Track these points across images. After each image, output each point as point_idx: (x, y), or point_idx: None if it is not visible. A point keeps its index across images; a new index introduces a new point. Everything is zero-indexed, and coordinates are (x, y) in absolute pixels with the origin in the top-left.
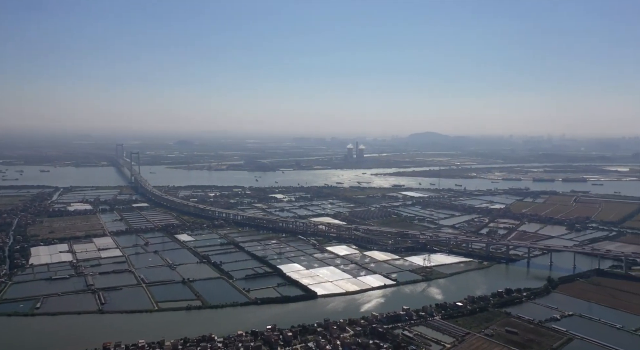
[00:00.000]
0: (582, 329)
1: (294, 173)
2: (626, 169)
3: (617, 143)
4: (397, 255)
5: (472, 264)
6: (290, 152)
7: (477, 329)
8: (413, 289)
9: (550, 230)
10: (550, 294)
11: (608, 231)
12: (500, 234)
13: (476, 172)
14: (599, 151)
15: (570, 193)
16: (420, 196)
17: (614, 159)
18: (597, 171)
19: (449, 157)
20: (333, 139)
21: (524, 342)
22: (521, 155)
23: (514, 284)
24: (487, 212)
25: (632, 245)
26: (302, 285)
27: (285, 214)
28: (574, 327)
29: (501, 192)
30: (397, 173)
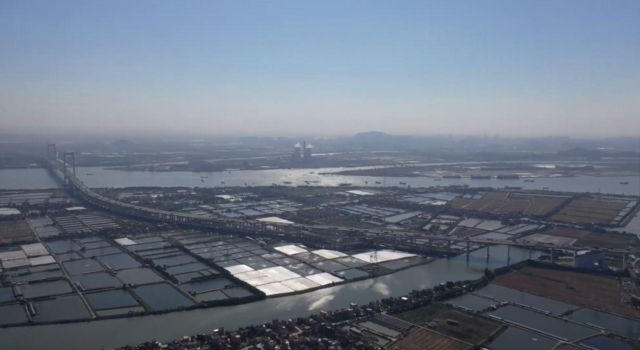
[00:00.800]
0: (516, 317)
1: (241, 173)
2: (553, 166)
3: (545, 142)
4: (345, 253)
5: (416, 259)
6: (237, 152)
7: (421, 322)
8: (360, 285)
9: (487, 225)
10: (487, 285)
11: (538, 224)
12: (441, 230)
13: (419, 171)
14: (529, 150)
15: (505, 189)
16: (367, 194)
17: (542, 157)
18: (528, 168)
19: (394, 156)
20: (280, 139)
21: (464, 332)
22: (460, 153)
23: (455, 277)
24: (430, 208)
25: (559, 237)
26: (250, 287)
27: (232, 214)
28: (508, 316)
29: (442, 190)
30: (344, 172)
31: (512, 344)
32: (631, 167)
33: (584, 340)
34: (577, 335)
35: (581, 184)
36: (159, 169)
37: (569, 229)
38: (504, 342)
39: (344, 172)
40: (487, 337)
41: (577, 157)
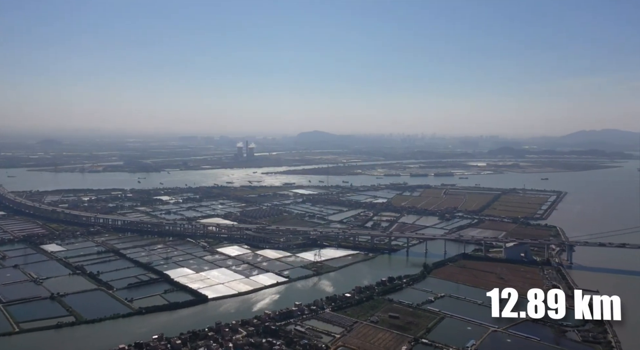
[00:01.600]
0: (452, 308)
1: (181, 173)
2: (484, 164)
3: (476, 141)
4: (289, 253)
5: (358, 256)
6: (176, 152)
7: (364, 317)
8: (305, 284)
9: (426, 221)
10: (426, 278)
11: (471, 219)
12: (383, 227)
13: (361, 169)
14: (462, 148)
15: (441, 186)
16: (310, 193)
17: (474, 155)
18: (462, 166)
19: (336, 155)
20: (222, 138)
21: (405, 324)
22: (400, 152)
23: (396, 272)
24: (372, 206)
25: (490, 231)
26: (191, 290)
27: (172, 216)
28: (445, 307)
29: (383, 187)
30: (288, 171)
31: (448, 333)
32: (552, 164)
33: (512, 326)
34: (507, 322)
35: (509, 180)
36: (90, 170)
37: (498, 222)
38: (441, 332)
39: (287, 172)
40: (426, 328)
41: (505, 155)
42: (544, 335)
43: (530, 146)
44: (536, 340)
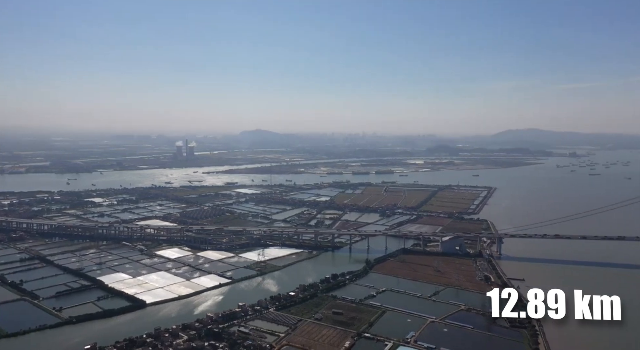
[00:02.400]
0: (393, 302)
1: (116, 174)
2: (422, 162)
3: (415, 140)
4: (232, 253)
5: (302, 254)
6: (109, 151)
7: (308, 315)
8: (249, 284)
9: (367, 218)
10: (368, 274)
11: (410, 215)
12: (326, 224)
13: (304, 168)
14: (402, 147)
15: (382, 184)
16: (254, 193)
17: (413, 153)
18: (401, 164)
19: (280, 154)
20: (160, 137)
21: (348, 320)
22: (342, 151)
23: (339, 269)
24: (315, 204)
25: (427, 226)
26: (128, 296)
27: (106, 219)
28: (386, 301)
29: (326, 186)
30: (230, 170)
31: (389, 326)
32: (483, 161)
33: (448, 316)
34: (443, 313)
35: (444, 177)
36: (11, 171)
37: (435, 218)
38: (383, 326)
39: (229, 171)
40: (368, 322)
41: (441, 153)
42: (477, 323)
43: (463, 145)
44: (470, 328)
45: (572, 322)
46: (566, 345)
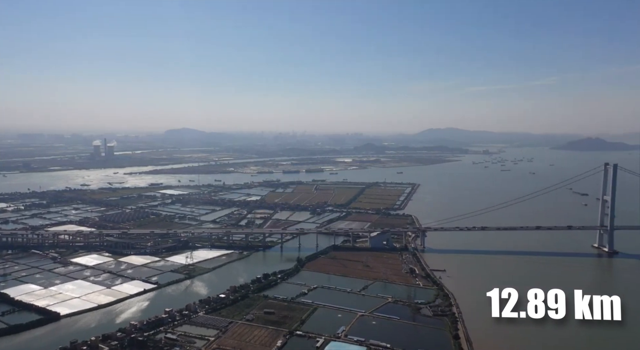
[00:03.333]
0: (324, 298)
1: (23, 176)
2: (350, 160)
3: (343, 138)
4: (158, 257)
5: (233, 255)
6: (14, 151)
7: (239, 317)
8: (176, 289)
9: (298, 216)
10: (299, 272)
11: (340, 212)
12: (257, 224)
13: (234, 167)
14: (331, 145)
15: (312, 182)
16: (180, 193)
17: (341, 152)
18: (331, 162)
19: (207, 153)
20: (74, 136)
21: (280, 319)
22: (272, 149)
23: (271, 269)
24: (245, 204)
25: (357, 222)
26: (38, 308)
27: (10, 226)
28: (318, 298)
29: (257, 185)
30: (154, 171)
31: (321, 323)
32: (407, 159)
33: (377, 309)
34: (372, 306)
35: (372, 174)
36: None
37: (364, 214)
38: (315, 323)
39: (154, 171)
40: (300, 320)
41: (368, 152)
42: (403, 314)
43: (389, 143)
44: (397, 319)
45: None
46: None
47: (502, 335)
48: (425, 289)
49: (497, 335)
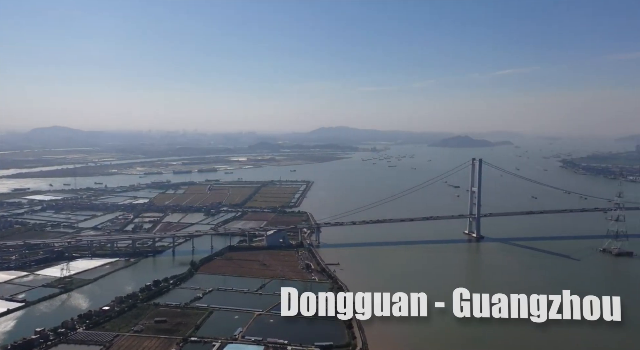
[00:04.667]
0: (220, 301)
1: None
2: (245, 159)
3: (237, 137)
4: (26, 272)
5: (118, 263)
6: None
7: (127, 329)
8: (50, 305)
9: (191, 218)
10: (194, 276)
11: (235, 212)
12: (145, 228)
13: (117, 169)
14: (224, 144)
15: (205, 182)
16: (53, 199)
17: (235, 151)
18: (225, 161)
19: (86, 154)
20: None
21: (172, 327)
22: (161, 149)
23: (162, 275)
24: (132, 208)
25: (253, 222)
26: None
27: None
28: (213, 301)
29: (144, 187)
30: (19, 174)
31: (217, 326)
32: (301, 157)
33: (274, 307)
34: (269, 304)
35: (267, 173)
36: None
37: (260, 213)
38: (211, 327)
39: (18, 175)
40: (195, 326)
41: (263, 150)
42: None
43: (283, 141)
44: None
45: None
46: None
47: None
48: (320, 283)
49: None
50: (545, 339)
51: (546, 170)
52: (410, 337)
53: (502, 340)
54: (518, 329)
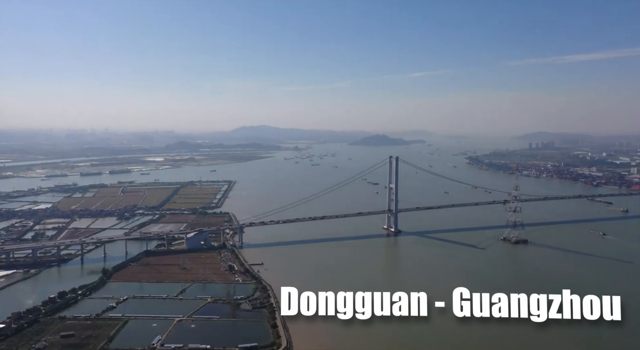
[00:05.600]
0: (136, 309)
1: None
2: (162, 159)
3: (153, 136)
4: None
5: (16, 275)
6: None
7: (27, 347)
8: None
9: (103, 223)
10: (106, 284)
11: (152, 215)
12: (48, 236)
13: (13, 171)
14: (139, 144)
15: (118, 184)
16: None
17: (152, 151)
18: (140, 162)
19: None
20: None
21: (82, 341)
22: (65, 149)
23: (69, 285)
24: (32, 214)
25: (172, 224)
26: None
27: None
28: (129, 310)
29: (46, 191)
30: None
31: (134, 336)
32: (222, 156)
33: (195, 312)
34: (190, 309)
35: (186, 173)
36: None
37: (179, 215)
38: (126, 337)
39: None
40: (108, 337)
41: (181, 150)
42: (223, 312)
43: (203, 141)
44: (216, 319)
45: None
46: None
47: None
48: (244, 284)
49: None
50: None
51: (455, 167)
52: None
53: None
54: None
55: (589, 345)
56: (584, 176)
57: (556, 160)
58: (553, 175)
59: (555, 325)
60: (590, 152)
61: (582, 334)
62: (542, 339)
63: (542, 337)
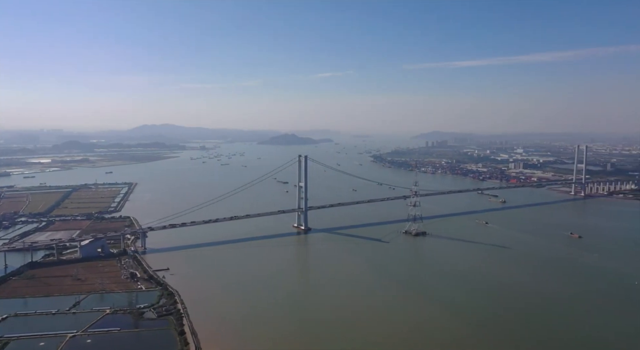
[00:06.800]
0: (19, 328)
1: None
2: (49, 160)
3: (37, 135)
4: None
5: None
6: None
7: None
8: None
9: None
10: None
11: (38, 223)
12: None
13: None
14: (20, 143)
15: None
16: None
17: (36, 151)
18: (22, 164)
19: None
20: None
21: None
22: None
23: None
24: None
25: (62, 231)
26: None
27: None
28: (10, 330)
29: None
30: None
31: None
32: (120, 157)
33: (92, 325)
34: (86, 323)
35: (79, 175)
36: None
37: (71, 221)
38: None
39: None
40: None
41: (72, 150)
42: (124, 323)
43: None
44: (117, 331)
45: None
46: (207, 318)
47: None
48: (148, 291)
49: (221, 323)
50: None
51: (361, 165)
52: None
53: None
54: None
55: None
56: (472, 172)
57: (449, 157)
58: (447, 171)
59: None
60: (477, 150)
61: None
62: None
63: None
